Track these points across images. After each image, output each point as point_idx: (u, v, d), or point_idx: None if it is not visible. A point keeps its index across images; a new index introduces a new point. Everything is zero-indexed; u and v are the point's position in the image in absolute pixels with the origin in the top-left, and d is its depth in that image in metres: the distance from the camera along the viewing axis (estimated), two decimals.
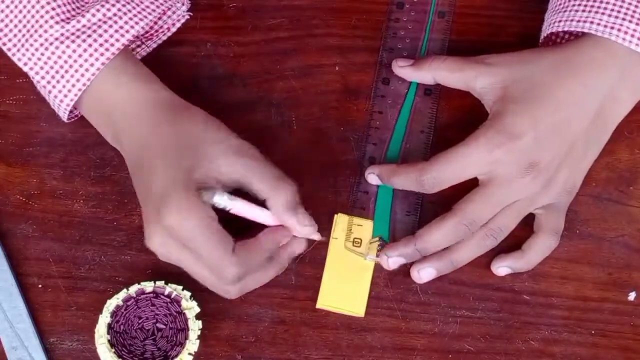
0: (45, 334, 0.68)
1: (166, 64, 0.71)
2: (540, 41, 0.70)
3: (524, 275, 0.69)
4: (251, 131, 0.66)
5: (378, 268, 0.68)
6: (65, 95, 0.64)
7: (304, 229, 0.64)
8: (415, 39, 0.72)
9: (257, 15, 0.73)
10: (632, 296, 0.69)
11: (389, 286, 0.68)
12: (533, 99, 0.64)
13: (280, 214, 0.63)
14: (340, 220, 0.69)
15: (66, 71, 0.64)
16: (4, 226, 0.69)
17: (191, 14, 0.72)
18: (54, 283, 0.68)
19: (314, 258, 0.68)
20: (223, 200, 0.61)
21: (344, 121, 0.71)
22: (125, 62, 0.65)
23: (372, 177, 0.68)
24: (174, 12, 0.71)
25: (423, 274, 0.67)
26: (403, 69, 0.70)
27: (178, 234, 0.60)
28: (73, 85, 0.64)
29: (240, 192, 0.63)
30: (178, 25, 0.72)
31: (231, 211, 0.62)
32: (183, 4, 0.71)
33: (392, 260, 0.67)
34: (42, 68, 0.64)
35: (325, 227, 0.68)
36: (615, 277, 0.69)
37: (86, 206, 0.69)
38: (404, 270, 0.68)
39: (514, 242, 0.68)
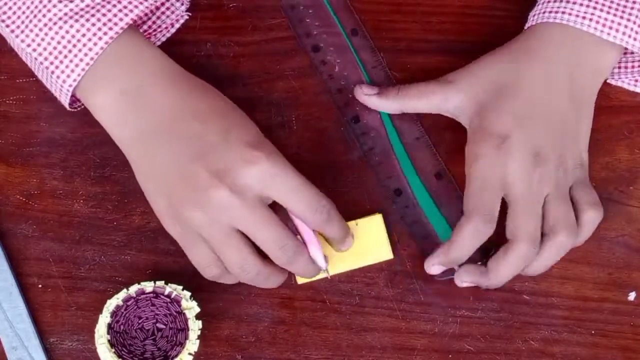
0: (45, 334, 0.68)
1: None
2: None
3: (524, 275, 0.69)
4: None
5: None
6: (68, 76, 0.63)
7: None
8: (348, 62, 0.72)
9: (257, 15, 0.73)
10: (632, 296, 0.69)
11: (389, 286, 0.68)
12: (505, 96, 0.65)
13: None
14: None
15: (69, 50, 0.62)
16: (3, 226, 0.69)
17: (190, 14, 0.72)
18: (54, 283, 0.68)
19: None
20: None
21: (344, 121, 0.71)
22: (139, 38, 0.64)
23: (435, 269, 0.67)
24: (172, 12, 0.71)
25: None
26: (369, 98, 0.69)
27: (270, 179, 0.60)
28: (76, 65, 0.62)
29: None
30: (177, 25, 0.71)
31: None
32: (182, 4, 0.71)
33: (464, 284, 0.67)
34: (45, 48, 0.63)
35: None
36: (615, 277, 0.69)
37: (86, 206, 0.69)
38: (404, 271, 0.68)
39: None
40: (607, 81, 0.70)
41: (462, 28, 0.73)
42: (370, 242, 0.68)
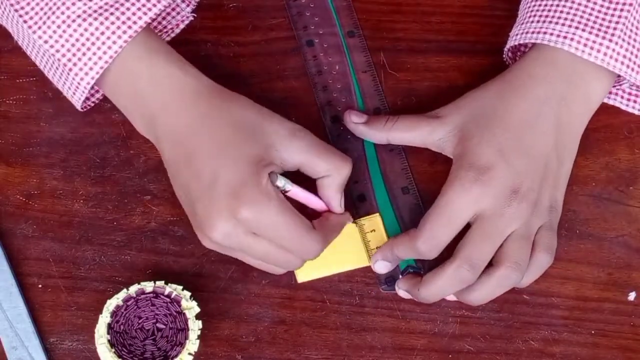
0: (45, 334, 0.68)
1: None
2: (504, 57, 0.70)
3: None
4: None
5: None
6: (87, 73, 0.63)
7: (342, 209, 0.66)
8: (338, 62, 0.72)
9: (257, 15, 0.73)
10: (632, 296, 0.69)
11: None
12: (489, 129, 0.64)
13: (335, 191, 0.64)
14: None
15: (88, 48, 0.63)
16: (3, 226, 0.69)
17: (195, 15, 0.72)
18: (54, 283, 0.68)
19: None
20: (285, 183, 0.62)
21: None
22: (158, 44, 0.64)
23: (380, 264, 0.68)
24: (178, 13, 0.71)
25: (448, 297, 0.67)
26: (357, 126, 0.69)
27: (255, 224, 0.60)
28: (95, 63, 0.62)
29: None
30: (182, 26, 0.71)
31: (288, 194, 0.63)
32: (188, 5, 0.71)
33: (402, 293, 0.67)
34: (63, 45, 0.63)
35: None
36: (615, 277, 0.69)
37: (86, 206, 0.69)
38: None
39: None
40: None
41: (462, 28, 0.73)
42: (347, 248, 0.68)
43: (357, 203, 0.69)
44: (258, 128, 0.62)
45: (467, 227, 0.64)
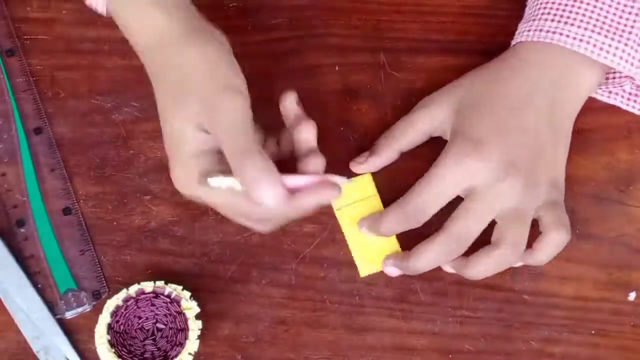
0: None
1: None
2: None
3: (524, 275, 0.69)
4: None
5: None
6: None
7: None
8: None
9: (257, 15, 0.73)
10: (632, 296, 0.69)
11: (389, 286, 0.68)
12: (483, 104, 0.65)
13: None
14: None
15: None
16: (4, 226, 0.69)
17: None
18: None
19: (314, 258, 0.68)
20: (219, 182, 0.59)
21: (344, 121, 0.71)
22: None
23: (364, 230, 0.68)
24: None
25: (445, 268, 0.67)
26: (366, 164, 0.69)
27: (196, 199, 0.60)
28: None
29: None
30: None
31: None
32: None
33: (390, 269, 0.67)
34: None
35: (326, 221, 0.69)
36: (615, 277, 0.69)
37: (86, 206, 0.69)
38: None
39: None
40: None
41: (462, 28, 0.73)
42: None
43: (16, 229, 0.68)
44: (190, 100, 0.59)
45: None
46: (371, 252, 0.68)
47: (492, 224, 0.64)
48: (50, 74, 0.71)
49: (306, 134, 0.62)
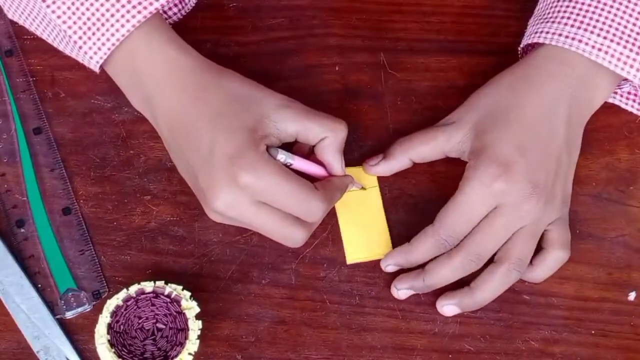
0: None
1: None
2: (520, 48, 0.69)
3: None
4: None
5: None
6: (95, 53, 0.63)
7: (343, 171, 0.66)
8: None
9: (257, 15, 0.73)
10: (632, 296, 0.69)
11: (388, 286, 0.68)
12: (506, 125, 0.65)
13: (334, 152, 0.65)
14: None
15: (98, 29, 0.63)
16: (4, 226, 0.69)
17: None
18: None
19: (314, 258, 0.68)
20: (286, 156, 0.63)
21: (344, 121, 0.71)
22: (158, 25, 0.64)
23: (390, 268, 0.68)
24: (183, 7, 0.71)
25: (447, 310, 0.67)
26: (377, 167, 0.69)
27: (257, 190, 0.60)
28: (103, 44, 0.63)
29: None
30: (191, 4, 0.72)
31: (291, 167, 0.64)
32: None
33: (402, 292, 0.67)
34: (75, 23, 0.63)
35: (326, 221, 0.69)
36: (615, 277, 0.69)
37: (86, 206, 0.69)
38: (404, 271, 0.68)
39: None
40: None
41: (462, 28, 0.73)
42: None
43: (15, 229, 0.68)
44: (251, 100, 0.63)
45: None
46: (361, 241, 0.69)
47: None
48: (50, 74, 0.71)
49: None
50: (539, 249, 0.67)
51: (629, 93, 0.70)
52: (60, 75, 0.71)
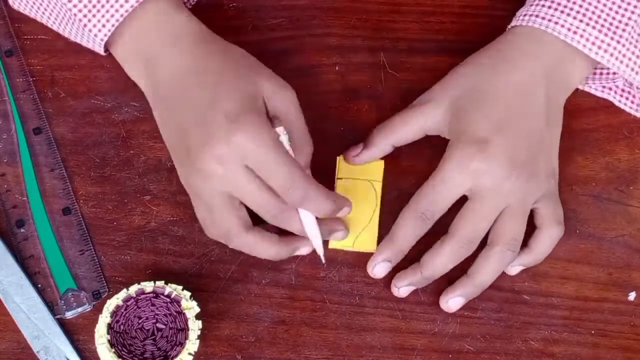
0: None
1: None
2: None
3: (524, 275, 0.69)
4: None
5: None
6: (100, 30, 0.64)
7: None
8: None
9: (257, 15, 0.73)
10: (632, 296, 0.69)
11: (388, 286, 0.68)
12: (483, 103, 0.65)
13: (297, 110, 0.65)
14: (344, 163, 0.69)
15: (102, 5, 0.63)
16: (4, 226, 0.69)
17: None
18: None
19: (314, 258, 0.68)
20: (286, 138, 0.63)
21: (344, 121, 0.71)
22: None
23: (379, 268, 0.67)
24: None
25: (452, 304, 0.67)
26: (359, 157, 0.69)
27: (247, 151, 0.60)
28: (107, 20, 0.64)
29: None
30: None
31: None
32: None
33: (403, 290, 0.67)
34: (80, 1, 0.64)
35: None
36: (615, 277, 0.69)
37: (86, 206, 0.69)
38: (400, 271, 0.68)
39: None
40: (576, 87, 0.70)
41: (462, 28, 0.73)
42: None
43: (15, 229, 0.68)
44: (254, 73, 0.64)
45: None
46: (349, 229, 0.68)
47: None
48: (50, 74, 0.71)
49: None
50: (534, 229, 0.66)
51: (622, 90, 0.70)
52: (60, 75, 0.71)
